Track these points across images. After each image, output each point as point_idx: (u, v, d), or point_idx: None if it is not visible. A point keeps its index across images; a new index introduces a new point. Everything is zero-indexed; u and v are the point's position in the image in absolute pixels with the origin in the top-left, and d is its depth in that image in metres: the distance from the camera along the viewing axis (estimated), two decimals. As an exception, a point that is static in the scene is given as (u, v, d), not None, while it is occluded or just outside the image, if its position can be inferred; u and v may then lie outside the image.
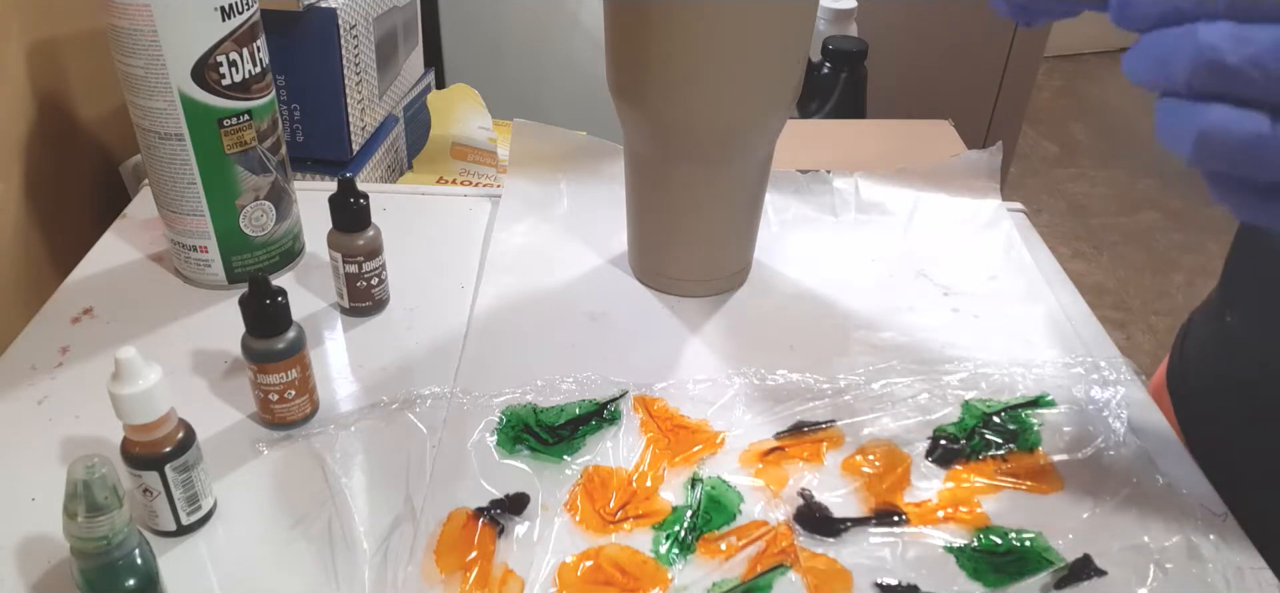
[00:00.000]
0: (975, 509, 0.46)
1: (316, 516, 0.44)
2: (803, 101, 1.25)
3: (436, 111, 0.99)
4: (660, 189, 0.57)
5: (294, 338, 0.46)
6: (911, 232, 0.69)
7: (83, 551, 0.35)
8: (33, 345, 0.55)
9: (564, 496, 0.46)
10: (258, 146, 0.56)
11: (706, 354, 0.56)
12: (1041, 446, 0.50)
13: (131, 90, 0.53)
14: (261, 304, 0.45)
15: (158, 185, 0.56)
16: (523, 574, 0.42)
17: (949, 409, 0.52)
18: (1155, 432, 0.51)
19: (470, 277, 0.63)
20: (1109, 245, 2.32)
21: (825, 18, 1.38)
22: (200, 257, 0.58)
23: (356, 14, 0.81)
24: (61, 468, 0.46)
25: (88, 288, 0.60)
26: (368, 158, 0.87)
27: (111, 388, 0.38)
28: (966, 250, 0.67)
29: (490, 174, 0.98)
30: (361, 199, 0.54)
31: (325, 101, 0.81)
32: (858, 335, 0.58)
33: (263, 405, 0.48)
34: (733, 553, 0.43)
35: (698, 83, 0.51)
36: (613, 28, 0.53)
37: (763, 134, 0.55)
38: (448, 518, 0.44)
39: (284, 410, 0.48)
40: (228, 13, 0.52)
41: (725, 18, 0.48)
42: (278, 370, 0.46)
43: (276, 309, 0.45)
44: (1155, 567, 0.43)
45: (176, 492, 0.41)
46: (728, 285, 0.62)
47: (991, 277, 0.64)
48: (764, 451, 0.49)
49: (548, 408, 0.51)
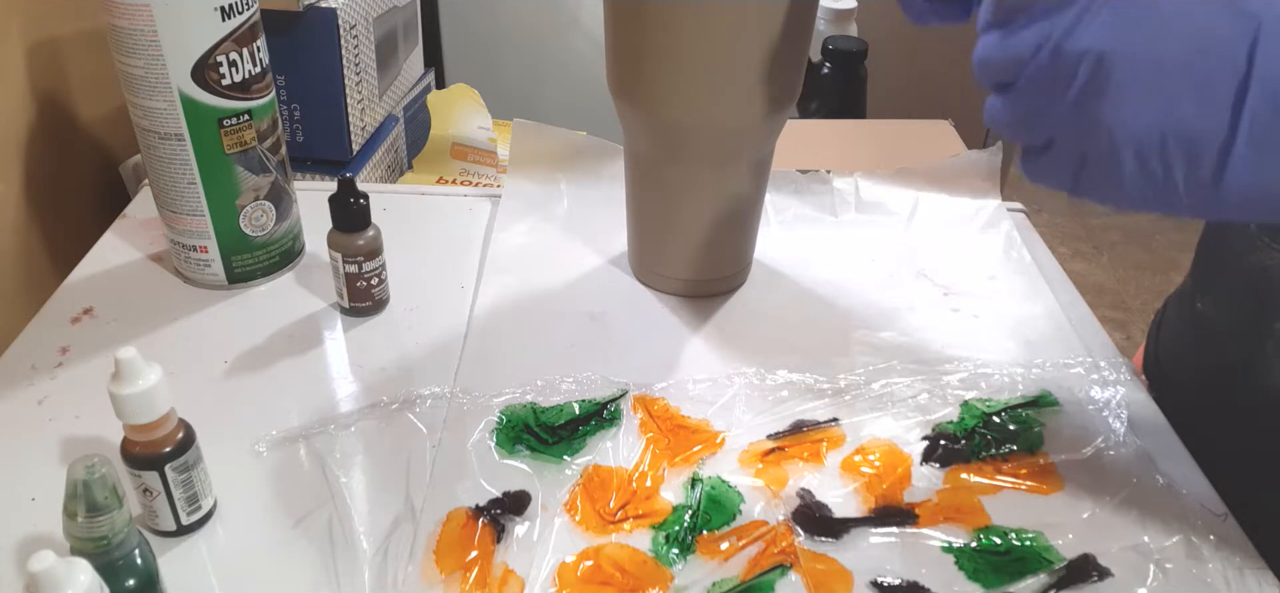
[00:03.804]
0: (975, 510, 0.46)
1: (316, 516, 0.44)
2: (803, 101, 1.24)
3: (436, 112, 0.99)
4: (660, 189, 0.57)
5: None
6: (911, 232, 0.69)
7: (83, 551, 0.35)
8: (33, 345, 0.55)
9: (564, 496, 0.46)
10: (258, 147, 0.56)
11: (706, 354, 0.56)
12: (1042, 446, 0.50)
13: (131, 90, 0.53)
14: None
15: (158, 185, 0.56)
16: (523, 574, 0.42)
17: (949, 409, 0.52)
18: (1155, 432, 0.51)
19: (470, 277, 0.63)
20: (1109, 245, 2.32)
21: (825, 18, 1.38)
22: (200, 257, 0.58)
23: (356, 14, 0.81)
24: (61, 468, 0.46)
25: (88, 288, 0.60)
26: (368, 158, 0.87)
27: (111, 388, 0.38)
28: (966, 250, 0.67)
29: (490, 174, 0.98)
30: (361, 199, 0.54)
31: (325, 101, 0.81)
32: (858, 335, 0.58)
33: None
34: (733, 553, 0.43)
35: (698, 83, 0.51)
36: (613, 28, 0.53)
37: (763, 134, 0.55)
38: (447, 518, 0.44)
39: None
40: (228, 13, 0.52)
41: (725, 18, 0.48)
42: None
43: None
44: (1155, 567, 0.43)
45: (176, 492, 0.41)
46: (728, 285, 0.62)
47: (991, 277, 0.64)
48: (764, 451, 0.49)
49: (548, 408, 0.51)
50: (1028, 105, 0.34)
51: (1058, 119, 0.33)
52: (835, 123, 1.11)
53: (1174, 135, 0.31)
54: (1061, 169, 0.35)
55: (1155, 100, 0.31)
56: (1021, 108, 0.35)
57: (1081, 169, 0.34)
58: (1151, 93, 0.31)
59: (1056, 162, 0.35)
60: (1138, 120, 0.31)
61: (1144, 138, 0.31)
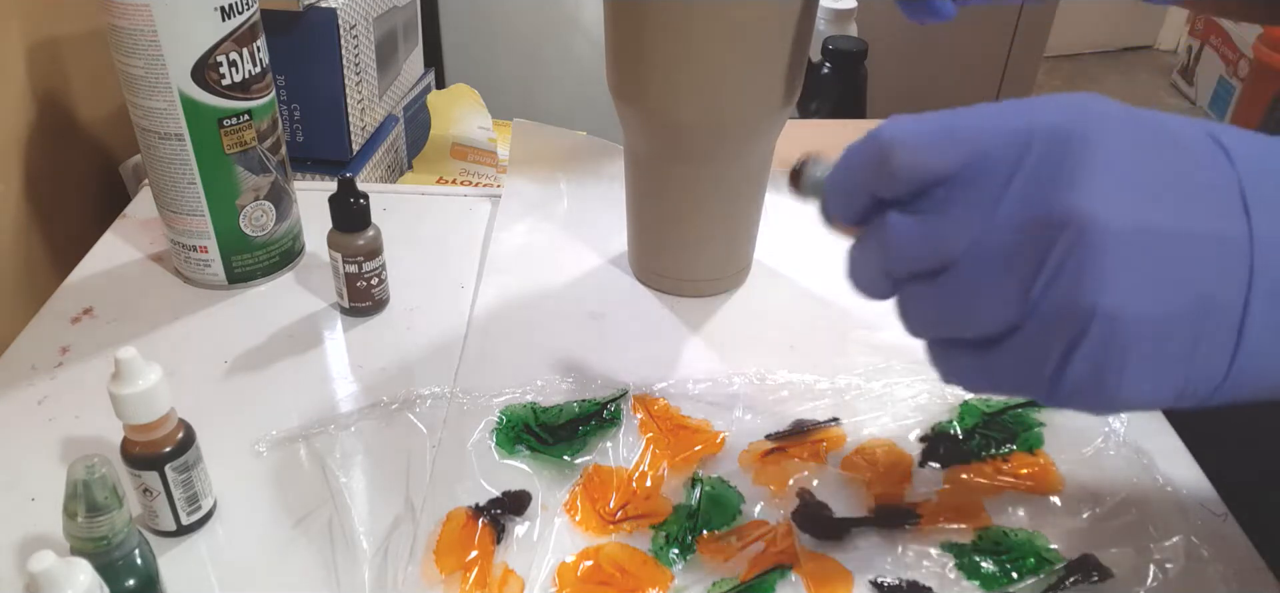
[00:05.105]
0: (975, 509, 0.46)
1: (316, 516, 0.44)
2: (803, 101, 1.24)
3: (436, 111, 0.99)
4: (660, 189, 0.57)
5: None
6: (911, 232, 0.69)
7: (83, 551, 0.35)
8: (33, 345, 0.55)
9: (564, 496, 0.46)
10: (258, 146, 0.56)
11: (706, 354, 0.56)
12: (1042, 446, 0.50)
13: (131, 90, 0.53)
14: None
15: (158, 185, 0.56)
16: (523, 574, 0.42)
17: (949, 409, 0.52)
18: (1155, 432, 0.51)
19: (470, 277, 0.63)
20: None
21: (825, 18, 1.38)
22: (200, 257, 0.58)
23: (356, 14, 0.81)
24: (61, 468, 0.46)
25: (88, 288, 0.60)
26: (368, 158, 0.87)
27: (111, 388, 0.38)
28: (966, 250, 0.67)
29: (490, 174, 0.98)
30: (361, 199, 0.54)
31: (325, 101, 0.81)
32: (857, 335, 0.58)
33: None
34: (733, 553, 0.43)
35: (698, 83, 0.51)
36: (612, 28, 0.53)
37: (763, 134, 0.55)
38: (447, 518, 0.44)
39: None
40: (228, 13, 0.52)
41: (725, 18, 0.48)
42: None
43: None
44: (1155, 567, 0.43)
45: (176, 492, 0.41)
46: (728, 285, 0.62)
47: (991, 277, 0.64)
48: (764, 451, 0.49)
49: (548, 408, 0.51)
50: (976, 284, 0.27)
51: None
52: (835, 123, 1.11)
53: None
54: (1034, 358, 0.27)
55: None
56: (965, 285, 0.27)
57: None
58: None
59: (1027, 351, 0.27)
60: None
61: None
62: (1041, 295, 0.26)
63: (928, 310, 0.29)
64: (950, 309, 0.28)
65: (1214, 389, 0.27)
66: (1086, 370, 0.26)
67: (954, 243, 0.27)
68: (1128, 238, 0.25)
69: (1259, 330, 0.26)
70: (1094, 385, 0.26)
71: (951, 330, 0.28)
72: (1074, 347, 0.26)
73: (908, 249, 0.28)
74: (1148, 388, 0.26)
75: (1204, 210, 0.26)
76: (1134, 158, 0.26)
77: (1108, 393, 0.26)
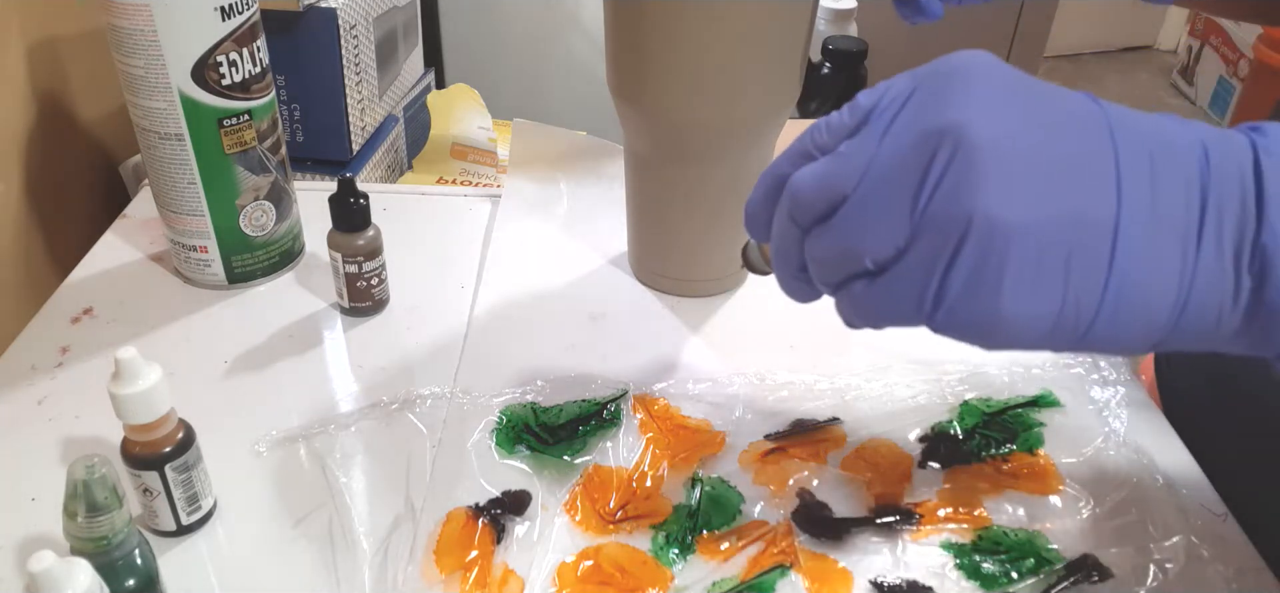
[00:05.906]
0: (975, 509, 0.46)
1: (316, 516, 0.44)
2: (803, 101, 1.24)
3: (436, 111, 0.99)
4: (660, 189, 0.57)
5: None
6: (911, 232, 0.69)
7: (83, 551, 0.35)
8: (33, 345, 0.55)
9: (564, 496, 0.46)
10: (258, 147, 0.56)
11: (706, 354, 0.56)
12: (1042, 446, 0.50)
13: (131, 90, 0.53)
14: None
15: (158, 185, 0.56)
16: (523, 574, 0.42)
17: (949, 409, 0.52)
18: (1155, 432, 0.51)
19: (470, 277, 0.63)
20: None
21: (825, 18, 1.38)
22: (200, 257, 0.58)
23: (356, 14, 0.81)
24: (61, 468, 0.46)
25: (88, 288, 0.60)
26: (368, 158, 0.87)
27: (111, 388, 0.38)
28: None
29: (490, 174, 0.98)
30: (361, 199, 0.54)
31: (325, 101, 0.81)
32: (858, 335, 0.58)
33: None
34: (733, 553, 0.43)
35: (697, 83, 0.51)
36: (613, 28, 0.53)
37: (763, 134, 0.55)
38: (447, 518, 0.44)
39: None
40: (228, 13, 0.52)
41: (725, 18, 0.48)
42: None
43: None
44: (1155, 567, 0.43)
45: (176, 492, 0.41)
46: (728, 285, 0.62)
47: (991, 277, 0.64)
48: (764, 451, 0.49)
49: (548, 408, 0.51)
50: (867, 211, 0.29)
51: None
52: (835, 123, 1.11)
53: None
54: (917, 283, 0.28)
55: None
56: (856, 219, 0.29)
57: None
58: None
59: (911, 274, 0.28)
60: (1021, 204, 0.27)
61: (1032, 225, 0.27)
62: (925, 206, 0.27)
63: (830, 249, 0.30)
64: (847, 237, 0.29)
65: (1094, 315, 0.27)
66: (967, 280, 0.27)
67: (849, 177, 0.29)
68: (1002, 147, 0.27)
69: (1130, 251, 0.27)
70: (974, 297, 0.27)
71: (851, 264, 0.30)
72: (956, 255, 0.27)
73: (808, 192, 0.30)
74: (1026, 304, 0.27)
75: (1074, 133, 0.27)
76: (1011, 86, 0.28)
77: (988, 307, 0.27)
